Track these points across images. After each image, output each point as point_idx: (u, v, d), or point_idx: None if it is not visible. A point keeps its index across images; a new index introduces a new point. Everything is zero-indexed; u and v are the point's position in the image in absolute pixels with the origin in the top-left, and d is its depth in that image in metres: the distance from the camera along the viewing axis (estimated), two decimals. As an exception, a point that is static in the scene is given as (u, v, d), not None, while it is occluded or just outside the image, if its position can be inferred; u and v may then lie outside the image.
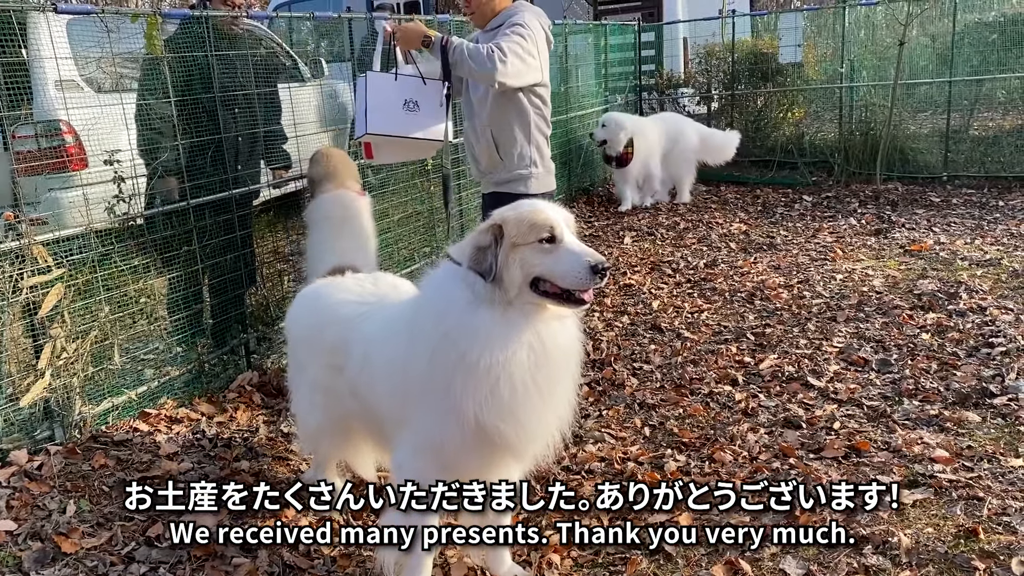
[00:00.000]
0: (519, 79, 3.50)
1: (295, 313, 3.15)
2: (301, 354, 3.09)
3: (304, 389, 3.07)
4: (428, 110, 3.62)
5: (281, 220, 5.14)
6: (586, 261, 2.20)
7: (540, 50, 3.60)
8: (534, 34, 3.54)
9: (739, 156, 10.01)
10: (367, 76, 3.58)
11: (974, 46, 9.04)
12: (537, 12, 3.70)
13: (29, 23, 3.77)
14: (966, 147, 9.05)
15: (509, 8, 3.69)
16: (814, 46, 10.10)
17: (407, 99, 3.59)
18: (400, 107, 3.57)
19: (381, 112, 3.54)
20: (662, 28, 11.12)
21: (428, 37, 3.54)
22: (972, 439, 3.46)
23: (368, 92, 3.54)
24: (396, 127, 3.57)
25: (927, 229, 7.13)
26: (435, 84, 3.64)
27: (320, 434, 3.08)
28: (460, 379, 2.26)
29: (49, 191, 4.23)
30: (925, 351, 4.46)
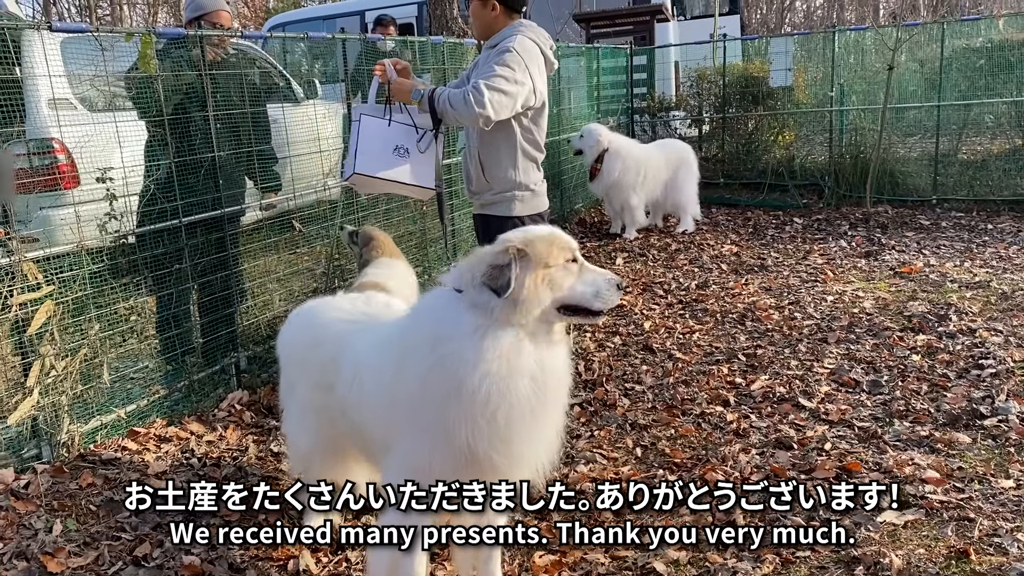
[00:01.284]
0: (506, 111, 3.53)
1: (287, 332, 3.12)
2: (293, 374, 3.05)
3: (295, 409, 3.03)
4: (418, 157, 3.66)
5: (273, 239, 5.13)
6: (611, 278, 2.34)
7: (533, 73, 3.61)
8: (523, 59, 3.55)
9: (730, 179, 10.09)
10: (361, 118, 3.63)
11: (962, 71, 9.15)
12: (537, 34, 3.72)
13: (23, 41, 3.78)
14: (955, 171, 9.13)
15: (509, 27, 3.71)
16: (804, 70, 10.19)
17: (398, 144, 3.64)
18: (390, 151, 3.62)
19: (371, 155, 3.59)
20: (654, 52, 11.21)
21: (418, 91, 3.60)
22: (963, 460, 3.46)
23: (360, 134, 3.59)
24: (384, 170, 3.61)
25: (917, 252, 7.18)
26: (427, 134, 3.70)
27: (311, 455, 3.02)
28: (455, 406, 2.24)
29: (40, 209, 4.23)
30: (915, 372, 4.48)
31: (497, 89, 3.45)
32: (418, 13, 14.66)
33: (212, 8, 4.61)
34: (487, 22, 3.74)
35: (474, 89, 3.43)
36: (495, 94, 3.44)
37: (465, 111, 3.45)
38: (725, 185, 10.01)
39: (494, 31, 3.73)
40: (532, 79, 3.60)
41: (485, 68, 3.56)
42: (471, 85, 3.47)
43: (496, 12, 3.71)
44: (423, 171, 3.67)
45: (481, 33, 3.82)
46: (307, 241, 5.28)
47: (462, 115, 3.49)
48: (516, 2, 3.77)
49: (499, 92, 3.45)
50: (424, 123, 3.72)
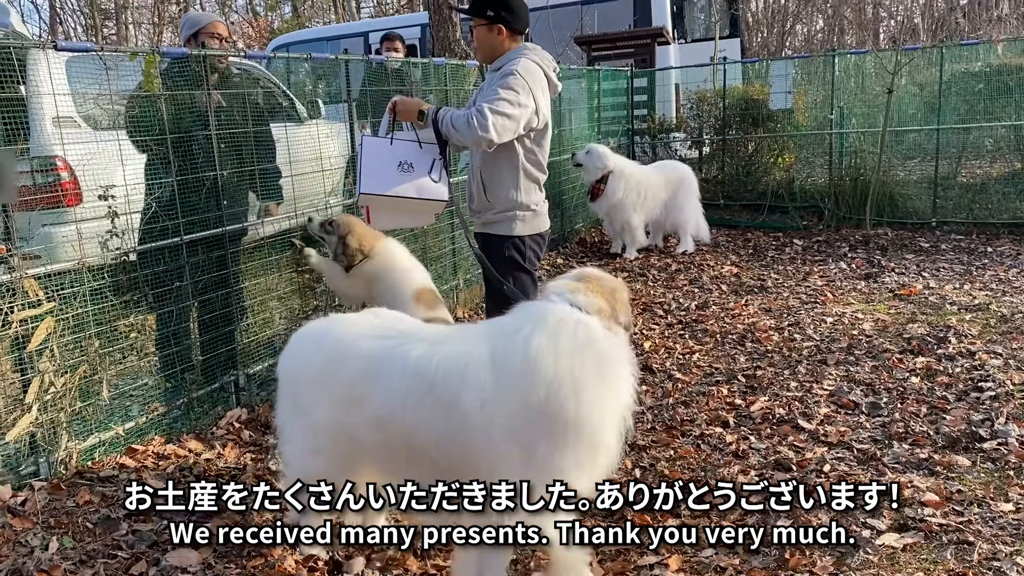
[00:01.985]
0: (509, 134, 3.58)
1: (295, 351, 3.01)
2: (302, 393, 2.92)
3: (302, 433, 2.91)
4: (423, 171, 3.69)
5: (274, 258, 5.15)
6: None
7: (536, 95, 3.65)
8: (527, 81, 3.59)
9: (730, 200, 10.12)
10: (363, 140, 3.68)
11: (961, 95, 9.20)
12: (540, 56, 3.77)
13: (29, 60, 3.82)
14: (954, 194, 9.16)
15: (513, 51, 3.76)
16: (804, 93, 10.25)
17: (402, 161, 3.67)
18: (394, 168, 3.64)
19: (374, 175, 3.63)
20: (655, 74, 11.28)
21: (422, 111, 3.66)
22: (962, 483, 3.45)
23: (363, 156, 3.64)
24: (389, 188, 3.64)
25: (916, 274, 7.19)
26: (431, 147, 3.73)
27: (319, 475, 2.90)
28: (618, 416, 2.52)
29: (43, 226, 4.25)
30: (915, 395, 4.47)
31: (500, 112, 3.49)
32: (421, 35, 14.76)
33: (207, 21, 4.69)
34: (493, 46, 3.78)
35: (478, 112, 3.47)
36: (498, 117, 3.47)
37: (468, 134, 3.50)
38: (725, 206, 10.04)
39: (499, 54, 3.78)
40: (535, 100, 3.64)
41: (489, 91, 3.59)
42: (475, 108, 3.51)
43: (502, 36, 3.76)
44: (432, 185, 3.69)
45: (486, 57, 3.86)
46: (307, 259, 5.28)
47: (465, 138, 3.54)
48: (520, 25, 3.81)
49: (502, 116, 3.49)
50: (428, 138, 3.75)
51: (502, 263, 3.81)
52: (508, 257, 3.80)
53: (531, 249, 3.84)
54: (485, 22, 3.76)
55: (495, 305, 3.94)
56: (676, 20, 14.03)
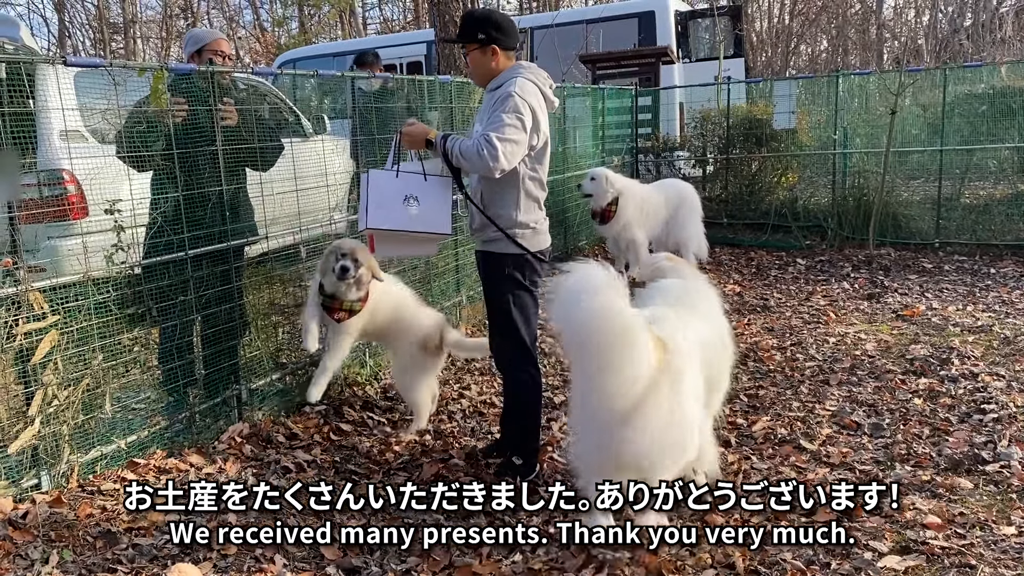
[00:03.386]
0: (517, 159, 3.62)
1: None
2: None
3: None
4: (428, 204, 3.73)
5: (277, 272, 5.16)
6: None
7: (537, 115, 3.67)
8: (526, 100, 3.62)
9: (733, 219, 10.14)
10: (369, 173, 3.71)
11: (964, 116, 9.23)
12: (536, 74, 3.78)
13: (37, 75, 3.85)
14: (958, 215, 9.18)
15: (508, 71, 3.77)
16: (807, 113, 10.29)
17: (407, 195, 3.70)
18: (400, 202, 3.69)
19: (381, 208, 3.66)
20: (659, 93, 11.33)
21: (429, 140, 3.69)
22: (964, 506, 3.44)
23: (369, 189, 3.67)
24: (394, 222, 3.68)
25: (919, 295, 7.19)
26: (435, 180, 3.77)
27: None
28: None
29: (48, 239, 4.27)
30: (917, 416, 4.47)
31: (508, 140, 3.53)
32: (427, 52, 14.86)
33: (211, 38, 4.71)
34: (488, 68, 3.81)
35: (486, 143, 3.50)
36: (506, 145, 3.52)
37: (479, 164, 3.55)
38: (728, 225, 10.06)
39: (494, 76, 3.80)
40: (536, 119, 3.66)
41: (492, 117, 3.60)
42: (482, 137, 3.53)
43: (496, 56, 3.79)
44: (434, 218, 3.73)
45: (482, 79, 3.88)
46: (312, 274, 5.30)
47: (477, 168, 3.61)
48: (511, 42, 3.84)
49: (510, 142, 3.54)
50: (432, 170, 3.80)
51: (503, 282, 3.82)
52: (508, 276, 3.80)
53: (531, 268, 3.84)
54: (477, 46, 3.78)
55: (495, 323, 3.95)
56: (680, 39, 14.12)
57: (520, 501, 3.67)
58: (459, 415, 4.78)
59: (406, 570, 3.12)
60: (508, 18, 3.86)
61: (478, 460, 4.11)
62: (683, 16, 14.48)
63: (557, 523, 3.49)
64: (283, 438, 4.31)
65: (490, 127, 3.56)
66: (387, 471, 4.00)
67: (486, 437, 4.44)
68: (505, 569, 3.16)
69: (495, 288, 3.87)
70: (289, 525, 3.45)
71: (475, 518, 3.53)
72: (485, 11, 4.08)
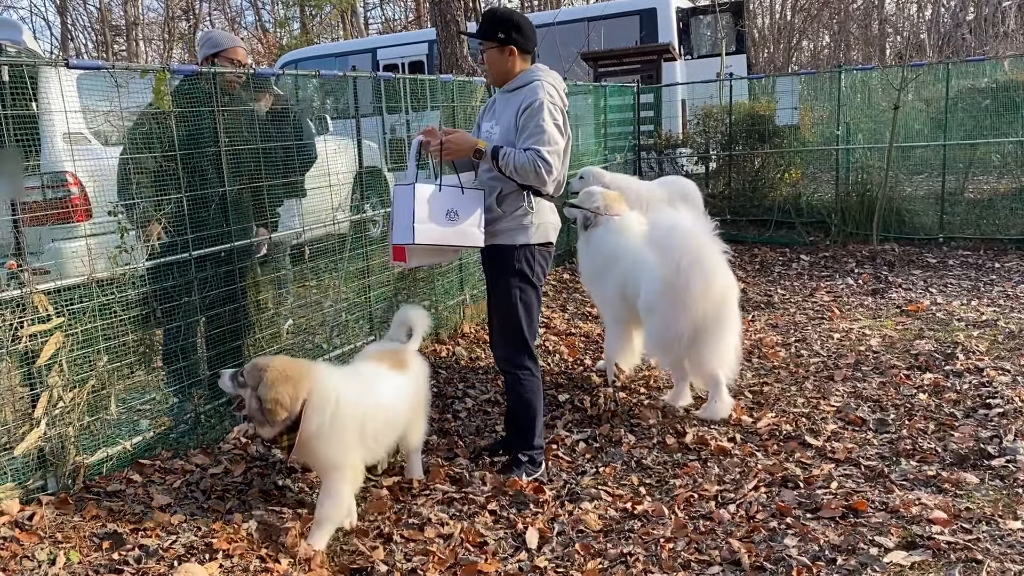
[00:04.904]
0: (561, 168, 3.75)
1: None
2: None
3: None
4: (466, 217, 3.76)
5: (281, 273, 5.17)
6: None
7: (565, 119, 3.78)
8: (557, 107, 3.73)
9: (737, 215, 10.13)
10: (415, 187, 3.65)
11: (967, 111, 9.21)
12: (554, 79, 3.83)
13: (40, 77, 3.85)
14: (962, 209, 9.16)
15: (526, 74, 3.80)
16: (810, 109, 10.27)
17: (449, 209, 3.72)
18: (444, 217, 3.70)
19: (427, 223, 3.65)
20: (661, 90, 11.32)
21: (479, 149, 3.72)
22: (970, 501, 3.44)
23: (416, 203, 3.63)
24: (440, 236, 3.69)
25: (924, 290, 7.18)
26: (470, 192, 3.79)
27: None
28: None
29: (52, 241, 4.27)
30: (922, 411, 4.46)
31: (556, 153, 3.66)
32: (428, 51, 14.87)
33: (229, 45, 4.71)
34: (504, 68, 3.84)
35: (541, 160, 3.61)
36: (555, 158, 3.66)
37: (535, 179, 3.66)
38: (732, 222, 10.05)
39: (511, 76, 3.84)
40: (566, 122, 3.76)
41: (531, 127, 3.65)
42: (535, 154, 3.61)
43: (513, 57, 3.82)
44: (472, 231, 3.77)
45: (498, 79, 3.91)
46: (315, 275, 5.31)
47: (530, 181, 3.69)
48: (530, 45, 3.86)
49: (557, 155, 3.67)
50: (467, 181, 3.85)
51: (510, 275, 3.83)
52: (518, 270, 3.81)
53: (539, 263, 3.86)
54: (496, 45, 3.81)
55: (498, 319, 3.95)
56: (682, 36, 14.10)
57: (524, 499, 3.68)
58: (464, 414, 4.79)
59: (412, 568, 3.13)
60: (529, 21, 3.90)
61: (484, 458, 4.11)
62: (685, 13, 14.46)
63: (562, 520, 3.50)
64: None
65: (535, 140, 3.62)
66: (393, 471, 4.00)
67: (491, 435, 4.44)
68: (511, 567, 3.16)
69: (501, 281, 3.88)
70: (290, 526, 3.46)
71: (480, 516, 3.54)
72: (507, 11, 4.10)
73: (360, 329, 5.36)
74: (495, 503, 3.66)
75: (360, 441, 3.36)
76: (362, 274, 5.42)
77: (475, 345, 5.99)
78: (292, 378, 3.20)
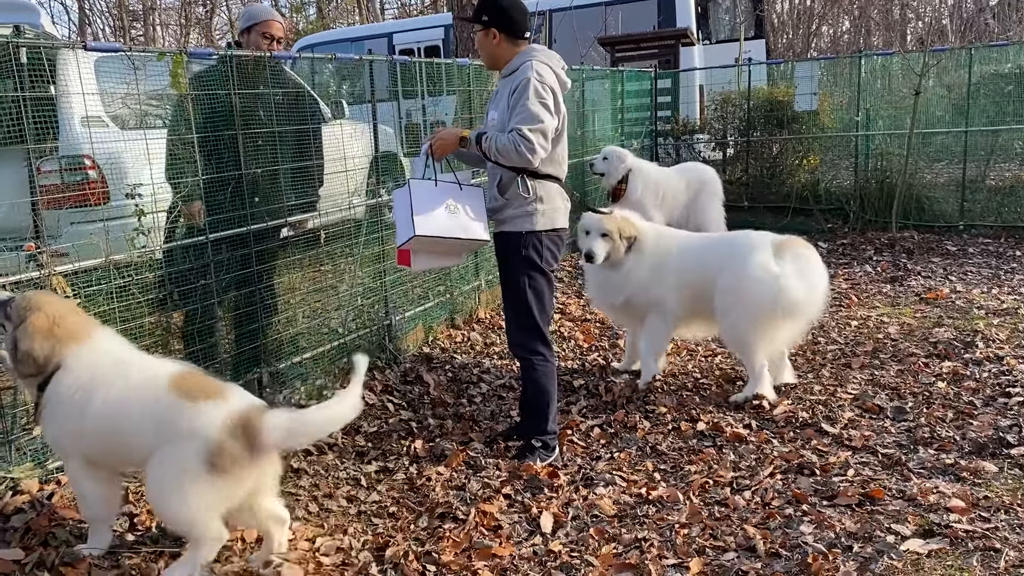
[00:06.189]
0: (549, 146, 3.68)
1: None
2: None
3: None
4: (467, 212, 3.79)
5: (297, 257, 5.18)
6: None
7: (556, 96, 3.71)
8: (545, 83, 3.65)
9: (754, 202, 10.05)
10: (410, 184, 3.73)
11: (990, 97, 9.09)
12: (548, 57, 3.80)
13: (59, 60, 3.87)
14: (983, 197, 9.06)
15: (519, 55, 3.79)
16: (830, 95, 10.17)
17: (448, 203, 3.76)
18: (444, 210, 3.74)
19: (427, 216, 3.70)
20: (678, 75, 11.24)
21: (464, 138, 3.76)
22: (989, 489, 3.41)
23: (414, 199, 3.69)
24: (441, 228, 3.72)
25: (943, 277, 7.11)
26: (470, 189, 3.84)
27: None
28: None
29: (71, 224, 4.29)
30: (941, 400, 4.42)
31: (539, 131, 3.60)
32: (444, 36, 14.82)
33: (265, 17, 4.73)
34: (491, 51, 3.85)
35: (521, 139, 3.57)
36: (537, 136, 3.60)
37: (518, 159, 3.62)
38: (749, 208, 9.97)
39: (502, 60, 3.84)
40: (556, 100, 3.69)
41: (518, 107, 3.62)
42: (517, 134, 3.59)
43: (498, 40, 3.80)
44: (474, 225, 3.79)
45: (489, 62, 3.93)
46: (331, 259, 5.32)
47: (515, 162, 3.66)
48: (517, 29, 3.83)
49: (540, 133, 3.61)
50: (464, 179, 3.88)
51: (518, 263, 3.82)
52: (525, 257, 3.80)
53: (548, 249, 3.84)
54: (481, 28, 3.83)
55: (510, 305, 3.95)
56: (700, 21, 13.98)
57: (539, 484, 3.68)
58: (479, 399, 4.79)
59: (427, 551, 3.14)
60: (518, 4, 3.84)
61: (498, 443, 4.12)
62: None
63: (576, 505, 3.51)
64: (304, 421, 4.33)
65: (519, 119, 3.59)
66: (407, 454, 4.02)
67: (506, 420, 4.44)
68: (525, 551, 3.17)
69: (510, 269, 3.87)
70: (310, 509, 3.48)
71: (495, 500, 3.54)
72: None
73: (376, 314, 5.37)
74: (509, 487, 3.66)
75: (77, 442, 2.89)
76: (377, 259, 5.42)
77: (490, 331, 5.99)
78: (57, 337, 2.87)
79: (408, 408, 4.62)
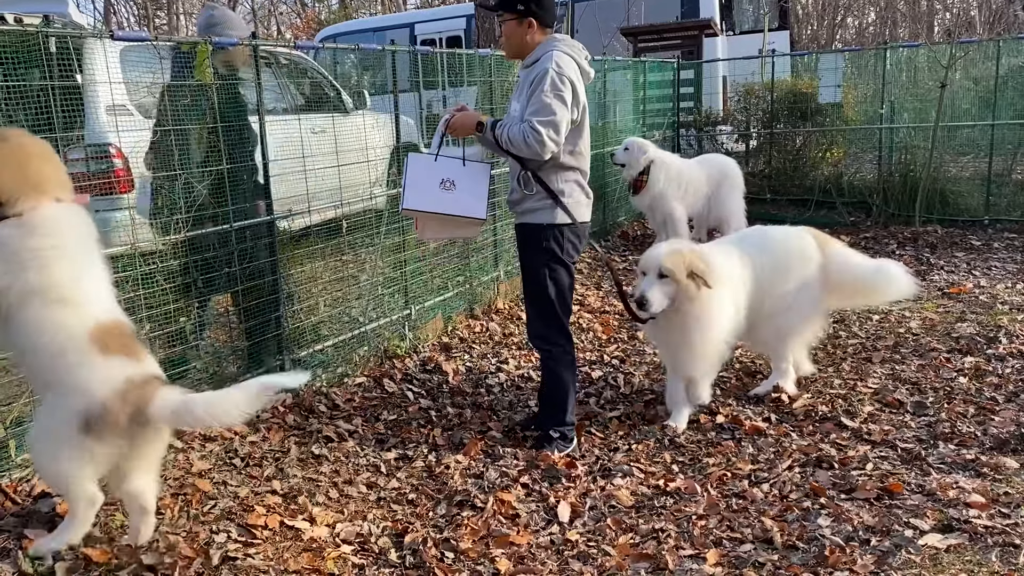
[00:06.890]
0: (562, 137, 3.65)
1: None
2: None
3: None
4: (464, 189, 3.81)
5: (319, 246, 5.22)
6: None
7: (576, 87, 3.68)
8: (565, 74, 3.62)
9: (777, 195, 9.99)
10: (408, 157, 3.80)
11: (1018, 90, 8.97)
12: (571, 46, 3.77)
13: (85, 50, 3.91)
14: (1009, 191, 8.95)
15: (542, 45, 3.76)
16: (854, 87, 10.08)
17: (444, 178, 3.79)
18: (436, 186, 3.77)
19: (416, 189, 3.76)
20: (701, 66, 11.17)
21: (481, 123, 3.76)
22: (1009, 485, 3.39)
23: (408, 171, 3.77)
24: (429, 204, 3.76)
25: (967, 272, 7.04)
26: (473, 165, 3.85)
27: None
28: None
29: (96, 212, 4.34)
30: (962, 395, 4.39)
31: (551, 124, 3.58)
32: (466, 26, 14.80)
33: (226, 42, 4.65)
34: (522, 41, 3.81)
35: (532, 131, 3.56)
36: (549, 129, 3.57)
37: (528, 152, 3.62)
38: (772, 201, 9.92)
39: (528, 50, 3.80)
40: (575, 92, 3.66)
41: (533, 98, 3.61)
42: (527, 125, 3.58)
43: (532, 30, 3.78)
44: (470, 202, 3.80)
45: (515, 52, 3.90)
46: (352, 248, 5.36)
47: (525, 154, 3.65)
48: (550, 18, 3.82)
49: (552, 126, 3.58)
50: (473, 155, 3.89)
51: (539, 254, 3.82)
52: (546, 248, 3.80)
53: (569, 241, 3.83)
54: (515, 16, 3.77)
55: (530, 296, 3.96)
56: (724, 12, 13.87)
57: (557, 473, 3.70)
58: (497, 389, 4.81)
59: (445, 538, 3.17)
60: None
61: (516, 433, 4.14)
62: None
63: (594, 495, 3.52)
64: (324, 408, 4.38)
65: (531, 111, 3.59)
66: (427, 442, 4.05)
67: (524, 410, 4.46)
68: (542, 539, 3.19)
69: (531, 260, 3.88)
70: (330, 495, 3.52)
71: (512, 489, 3.57)
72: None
73: (396, 303, 5.40)
74: (527, 477, 3.68)
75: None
76: (398, 248, 5.45)
77: (508, 321, 6.01)
78: (20, 165, 2.69)
79: (427, 397, 4.65)
